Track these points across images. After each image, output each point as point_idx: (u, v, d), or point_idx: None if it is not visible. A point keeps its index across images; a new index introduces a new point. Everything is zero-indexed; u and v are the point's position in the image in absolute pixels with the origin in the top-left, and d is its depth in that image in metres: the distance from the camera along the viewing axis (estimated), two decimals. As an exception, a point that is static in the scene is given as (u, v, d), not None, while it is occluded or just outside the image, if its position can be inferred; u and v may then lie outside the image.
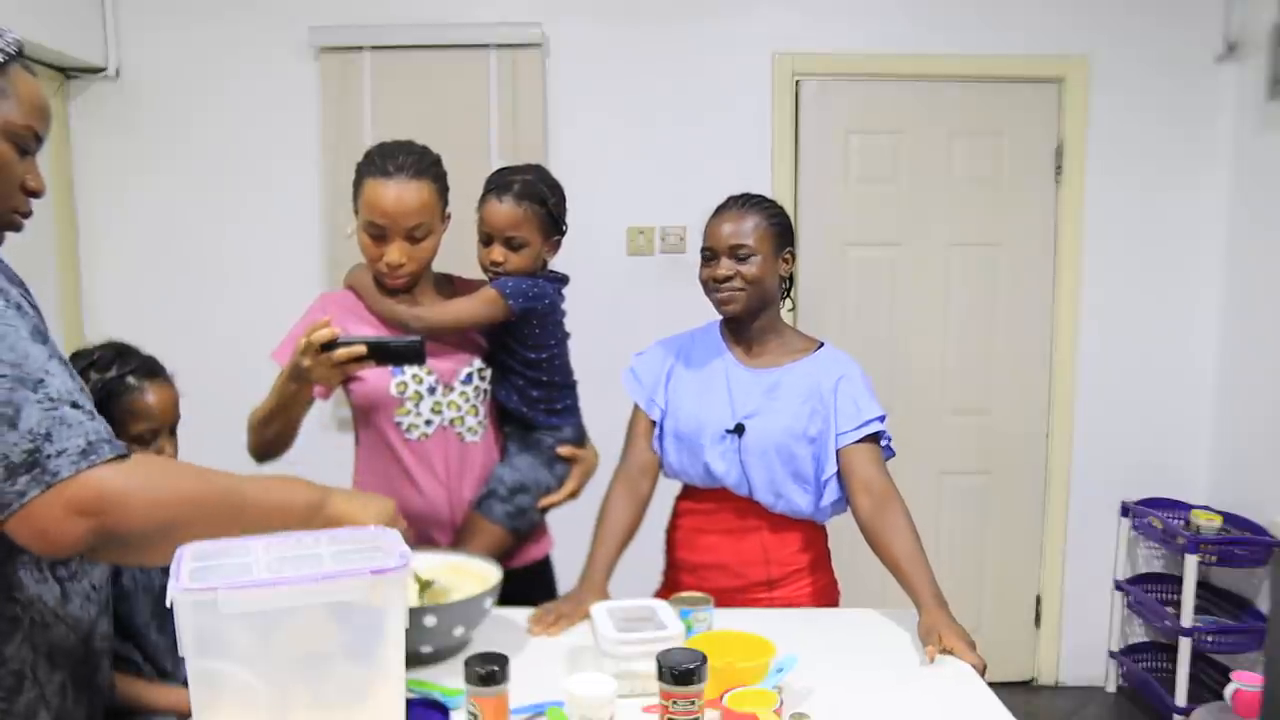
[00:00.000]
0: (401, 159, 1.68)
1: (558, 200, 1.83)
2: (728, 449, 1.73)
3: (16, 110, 1.05)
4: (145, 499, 1.01)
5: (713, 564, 1.77)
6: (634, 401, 1.85)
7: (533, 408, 1.84)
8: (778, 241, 1.74)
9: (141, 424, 1.55)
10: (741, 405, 1.74)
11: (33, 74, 1.09)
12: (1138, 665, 3.32)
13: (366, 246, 1.72)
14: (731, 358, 1.79)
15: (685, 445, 1.76)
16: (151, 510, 1.01)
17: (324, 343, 1.51)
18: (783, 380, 1.74)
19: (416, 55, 3.15)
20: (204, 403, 1.83)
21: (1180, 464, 3.37)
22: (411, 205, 1.67)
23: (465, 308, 1.76)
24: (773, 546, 1.75)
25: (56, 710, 1.10)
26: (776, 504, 1.73)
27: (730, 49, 3.23)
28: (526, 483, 1.82)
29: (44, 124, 1.10)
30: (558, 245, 1.86)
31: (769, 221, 1.73)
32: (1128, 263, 3.33)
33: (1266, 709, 1.00)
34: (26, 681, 1.07)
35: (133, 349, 1.62)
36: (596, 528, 1.77)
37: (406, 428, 1.76)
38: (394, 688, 1.06)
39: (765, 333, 1.78)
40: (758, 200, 1.76)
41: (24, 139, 1.07)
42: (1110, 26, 3.24)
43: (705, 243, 1.75)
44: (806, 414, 1.71)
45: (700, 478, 1.77)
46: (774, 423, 1.71)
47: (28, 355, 0.99)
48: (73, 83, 3.18)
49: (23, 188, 1.09)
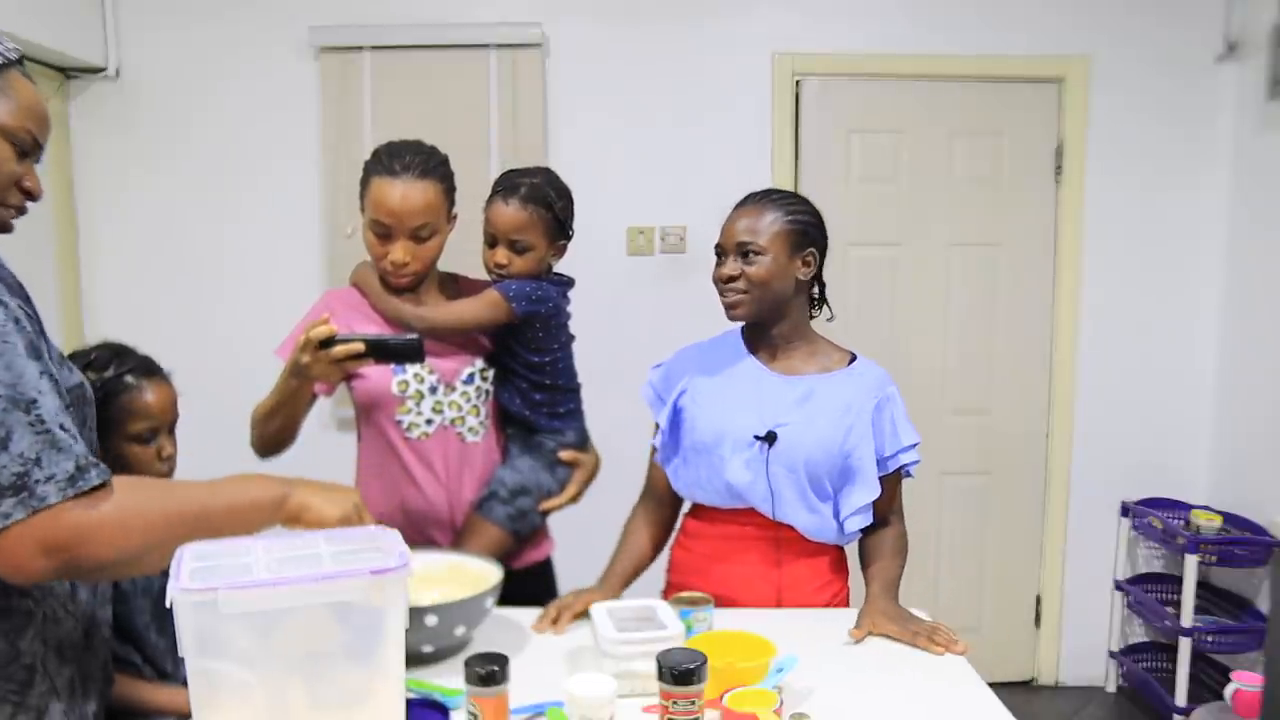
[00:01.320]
0: (409, 158, 1.68)
1: (565, 205, 1.82)
2: (754, 458, 1.60)
3: (13, 112, 1.06)
4: (114, 532, 1.01)
5: (718, 595, 1.58)
6: (655, 421, 1.75)
7: (535, 411, 1.84)
8: (795, 241, 1.60)
9: (140, 423, 1.56)
10: (772, 413, 1.61)
11: (31, 81, 1.11)
12: (1138, 665, 3.32)
13: (372, 245, 1.72)
14: (757, 363, 1.67)
15: (703, 458, 1.64)
16: (120, 542, 1.02)
17: (323, 340, 1.52)
18: (816, 390, 1.63)
19: (416, 55, 3.15)
20: (204, 402, 1.84)
21: (1180, 464, 3.37)
22: (417, 205, 1.67)
23: (468, 309, 1.76)
24: (789, 586, 1.64)
25: (66, 703, 1.11)
26: (810, 525, 1.61)
27: (730, 49, 3.23)
28: (528, 485, 1.82)
29: (42, 129, 1.11)
30: (563, 250, 1.86)
31: (787, 219, 1.60)
32: (1128, 263, 3.33)
33: (1266, 709, 1.00)
34: (38, 675, 1.08)
35: (129, 349, 1.63)
36: (617, 549, 1.74)
37: (407, 426, 1.76)
38: (394, 688, 1.06)
39: (791, 340, 1.66)
40: (780, 196, 1.65)
41: (21, 140, 1.08)
42: (1110, 26, 3.24)
43: (719, 239, 1.65)
44: (844, 429, 1.60)
45: (720, 494, 1.63)
46: (808, 434, 1.59)
47: (22, 374, 0.99)
48: (73, 83, 3.18)
49: (19, 186, 1.09)
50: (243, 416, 1.74)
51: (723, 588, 1.62)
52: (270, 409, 1.67)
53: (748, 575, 1.65)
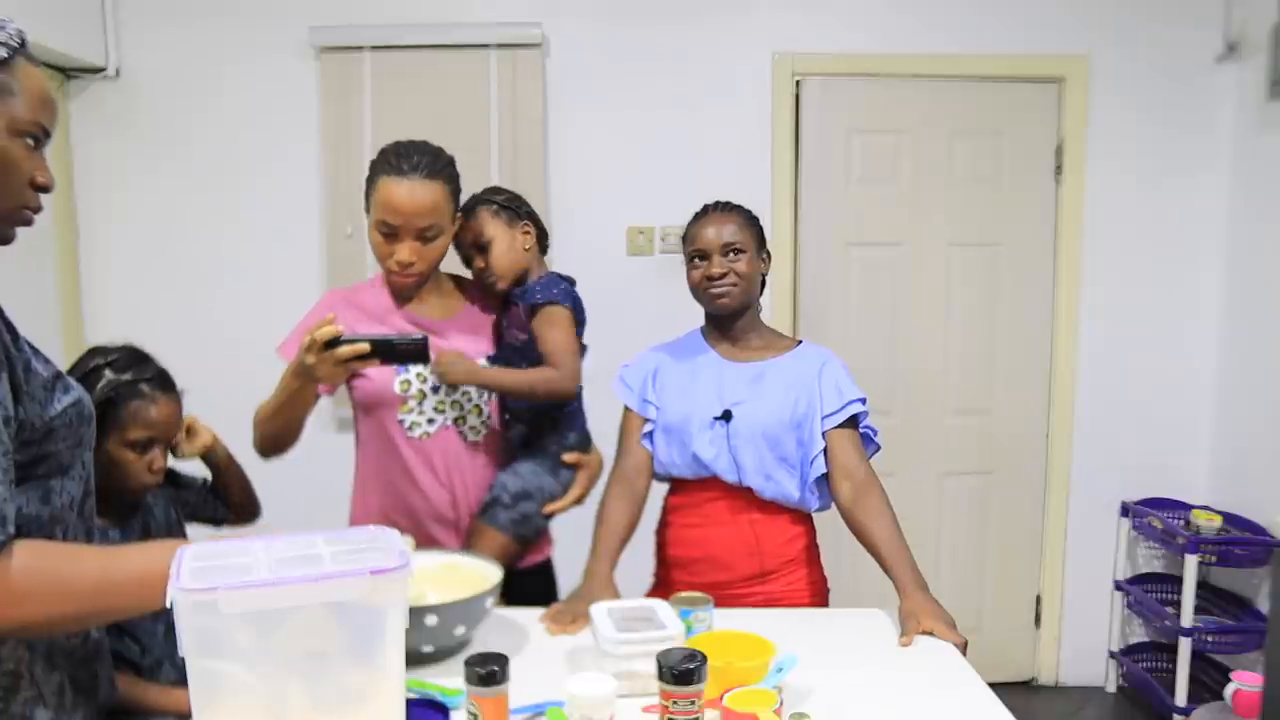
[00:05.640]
0: (416, 159, 1.68)
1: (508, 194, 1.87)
2: (716, 435, 1.77)
3: (23, 106, 1.04)
4: (3, 604, 0.95)
5: (704, 558, 1.78)
6: (625, 405, 1.87)
7: (540, 413, 1.84)
8: (759, 241, 1.82)
9: (141, 431, 1.57)
10: (729, 394, 1.79)
11: (36, 64, 1.07)
12: (1138, 665, 3.32)
13: (377, 245, 1.72)
14: (716, 354, 1.84)
15: (674, 437, 1.79)
16: (10, 612, 0.96)
17: (328, 340, 1.51)
18: (767, 372, 1.80)
19: (416, 55, 3.15)
20: (203, 402, 1.83)
21: (1180, 464, 3.37)
22: (424, 205, 1.67)
23: (560, 337, 1.80)
24: (764, 536, 1.77)
25: (54, 710, 1.09)
26: (766, 488, 1.76)
27: (730, 49, 3.23)
28: (530, 489, 1.82)
29: (50, 117, 1.08)
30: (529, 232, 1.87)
31: (748, 222, 1.81)
32: (1127, 262, 3.33)
33: (1266, 709, 1.00)
34: (23, 681, 1.05)
35: (151, 358, 1.65)
36: (596, 528, 1.77)
37: (409, 426, 1.76)
38: (394, 688, 1.06)
39: (748, 330, 1.84)
40: (734, 204, 1.84)
41: (33, 135, 1.05)
42: (1110, 26, 3.24)
43: (693, 246, 1.79)
44: (791, 401, 1.77)
45: (689, 467, 1.79)
46: (761, 409, 1.76)
47: None
48: (73, 83, 3.18)
49: (32, 183, 1.08)
50: (242, 416, 1.75)
51: (705, 548, 1.79)
52: (273, 409, 1.67)
53: (724, 533, 1.79)
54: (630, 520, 1.79)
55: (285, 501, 2.03)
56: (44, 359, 1.08)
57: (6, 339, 1.02)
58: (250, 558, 1.01)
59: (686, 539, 1.82)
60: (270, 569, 0.99)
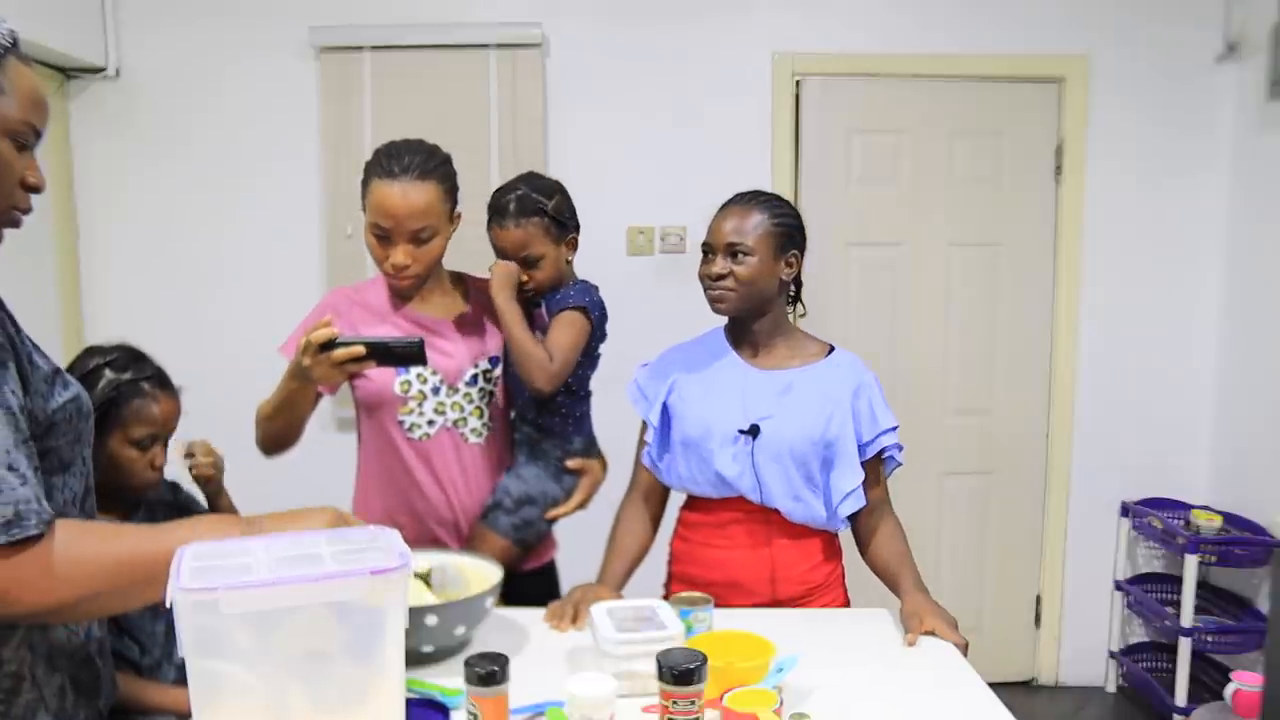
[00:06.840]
0: (407, 159, 1.66)
1: (558, 201, 1.80)
2: (740, 451, 1.66)
3: (14, 106, 1.03)
4: (51, 582, 0.96)
5: (719, 581, 1.68)
6: (641, 418, 1.80)
7: (545, 417, 1.84)
8: (780, 243, 1.66)
9: (144, 429, 1.59)
10: (755, 407, 1.67)
11: (29, 64, 1.06)
12: (1138, 665, 3.32)
13: (373, 247, 1.71)
14: (738, 358, 1.73)
15: (693, 452, 1.69)
16: (59, 592, 0.97)
17: (324, 343, 1.51)
18: (796, 382, 1.68)
19: (416, 55, 3.15)
20: (203, 401, 1.84)
21: (1180, 464, 3.37)
22: (416, 207, 1.65)
23: (568, 338, 1.75)
24: (782, 564, 1.68)
25: (55, 712, 1.09)
26: (795, 510, 1.66)
27: (730, 49, 3.23)
28: (533, 495, 1.81)
29: (42, 118, 1.07)
30: (575, 243, 1.86)
31: (773, 222, 1.65)
32: (1127, 263, 3.33)
33: (1266, 709, 1.00)
34: (25, 683, 1.05)
35: (148, 357, 1.67)
36: (609, 545, 1.75)
37: (409, 427, 1.76)
38: (394, 688, 1.06)
39: (771, 335, 1.72)
40: (766, 199, 1.69)
41: (23, 135, 1.04)
42: (1110, 26, 3.24)
43: (706, 238, 1.69)
44: (824, 419, 1.65)
45: (711, 484, 1.69)
46: (790, 426, 1.65)
47: None
48: (73, 83, 3.18)
49: (23, 184, 1.07)
50: (243, 415, 1.75)
51: (720, 571, 1.69)
52: (273, 409, 1.67)
53: (742, 558, 1.69)
54: (643, 544, 1.76)
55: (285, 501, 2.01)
56: (43, 354, 1.09)
57: (11, 329, 1.02)
58: (250, 557, 1.01)
59: (704, 559, 1.72)
60: (270, 569, 0.99)
